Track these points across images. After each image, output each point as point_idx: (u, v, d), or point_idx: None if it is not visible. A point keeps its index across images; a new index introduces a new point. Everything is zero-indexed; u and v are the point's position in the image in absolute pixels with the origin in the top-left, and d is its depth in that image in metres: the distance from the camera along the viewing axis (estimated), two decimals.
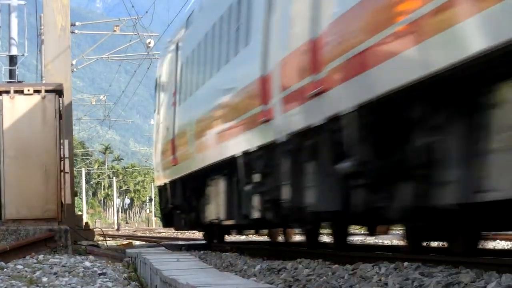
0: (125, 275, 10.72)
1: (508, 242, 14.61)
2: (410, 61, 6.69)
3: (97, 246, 16.44)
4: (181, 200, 17.69)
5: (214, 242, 17.99)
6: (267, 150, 11.07)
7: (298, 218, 10.38)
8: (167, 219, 20.39)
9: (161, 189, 20.65)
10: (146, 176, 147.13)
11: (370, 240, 17.02)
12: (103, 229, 40.39)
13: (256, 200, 11.80)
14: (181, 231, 31.24)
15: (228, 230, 17.43)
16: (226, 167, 13.37)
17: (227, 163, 13.15)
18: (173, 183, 18.50)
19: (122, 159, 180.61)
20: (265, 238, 18.20)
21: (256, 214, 11.89)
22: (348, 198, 8.46)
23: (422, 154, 7.02)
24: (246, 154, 12.05)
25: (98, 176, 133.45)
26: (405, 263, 7.45)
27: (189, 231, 27.55)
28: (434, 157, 6.87)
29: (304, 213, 9.84)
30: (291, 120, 9.92)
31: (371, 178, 7.90)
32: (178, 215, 18.44)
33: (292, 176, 10.04)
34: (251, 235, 21.07)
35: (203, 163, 15.04)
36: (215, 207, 14.67)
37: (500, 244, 14.27)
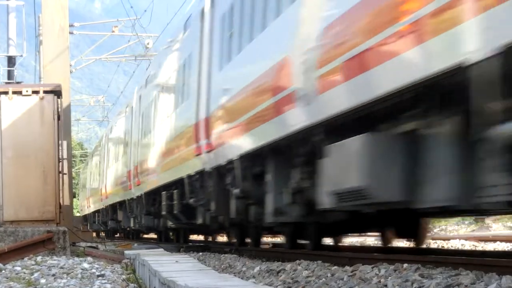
0: (124, 276, 10.70)
1: (508, 244, 14.58)
2: (253, 137, 11.40)
3: (96, 247, 16.42)
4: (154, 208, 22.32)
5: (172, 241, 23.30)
6: (201, 175, 15.08)
7: (219, 224, 14.71)
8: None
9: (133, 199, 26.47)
10: None
11: (370, 241, 17.03)
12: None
13: (198, 210, 15.94)
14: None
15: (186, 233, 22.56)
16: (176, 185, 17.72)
17: (178, 182, 17.39)
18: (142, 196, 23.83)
19: None
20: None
21: (199, 221, 15.94)
22: (246, 211, 12.67)
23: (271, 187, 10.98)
24: (190, 176, 16.03)
25: None
26: (405, 265, 7.43)
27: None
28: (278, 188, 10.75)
29: (223, 221, 14.12)
30: (210, 158, 14.28)
31: (251, 200, 12.22)
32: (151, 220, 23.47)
33: (215, 195, 14.08)
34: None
35: (163, 181, 19.48)
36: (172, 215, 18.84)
37: (500, 246, 14.26)
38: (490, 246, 14.18)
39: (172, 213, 18.31)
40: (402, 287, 6.44)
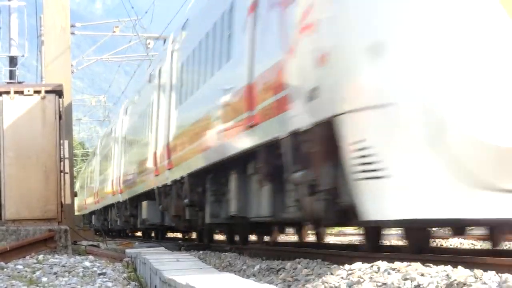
0: (125, 275, 10.76)
1: (506, 242, 14.61)
2: (194, 163, 15.31)
3: (97, 246, 16.46)
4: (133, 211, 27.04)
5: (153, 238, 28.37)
6: (166, 187, 18.83)
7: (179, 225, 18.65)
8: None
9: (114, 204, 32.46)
10: None
11: None
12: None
13: (165, 213, 20.02)
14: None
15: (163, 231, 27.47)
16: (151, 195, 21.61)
17: (151, 192, 21.33)
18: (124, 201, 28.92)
19: None
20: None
21: (167, 222, 20.29)
22: (196, 215, 16.31)
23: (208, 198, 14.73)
24: (159, 188, 19.89)
25: None
26: (404, 263, 7.47)
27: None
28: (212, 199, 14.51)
29: (179, 222, 17.92)
30: (170, 174, 18.30)
31: (196, 207, 16.04)
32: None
33: (174, 201, 17.68)
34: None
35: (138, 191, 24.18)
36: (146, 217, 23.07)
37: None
38: (489, 245, 14.18)
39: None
40: (401, 285, 6.47)
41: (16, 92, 14.29)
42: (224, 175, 13.40)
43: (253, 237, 16.90)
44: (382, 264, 7.63)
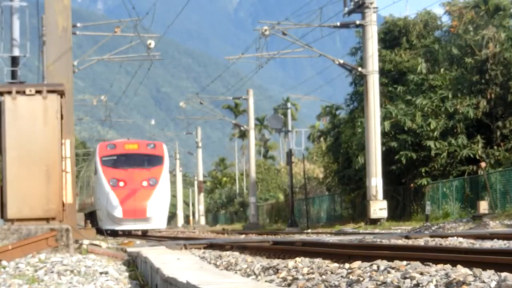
0: (126, 274, 10.79)
1: (505, 241, 14.65)
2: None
3: (98, 245, 16.51)
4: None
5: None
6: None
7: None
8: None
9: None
10: None
11: (368, 239, 17.16)
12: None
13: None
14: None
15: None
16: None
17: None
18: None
19: None
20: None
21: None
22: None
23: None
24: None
25: None
26: (404, 262, 7.51)
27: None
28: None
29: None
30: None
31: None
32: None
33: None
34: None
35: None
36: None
37: (497, 244, 14.32)
38: (487, 244, 14.24)
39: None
40: (400, 284, 6.51)
41: (18, 92, 14.33)
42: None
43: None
44: (382, 263, 7.68)
